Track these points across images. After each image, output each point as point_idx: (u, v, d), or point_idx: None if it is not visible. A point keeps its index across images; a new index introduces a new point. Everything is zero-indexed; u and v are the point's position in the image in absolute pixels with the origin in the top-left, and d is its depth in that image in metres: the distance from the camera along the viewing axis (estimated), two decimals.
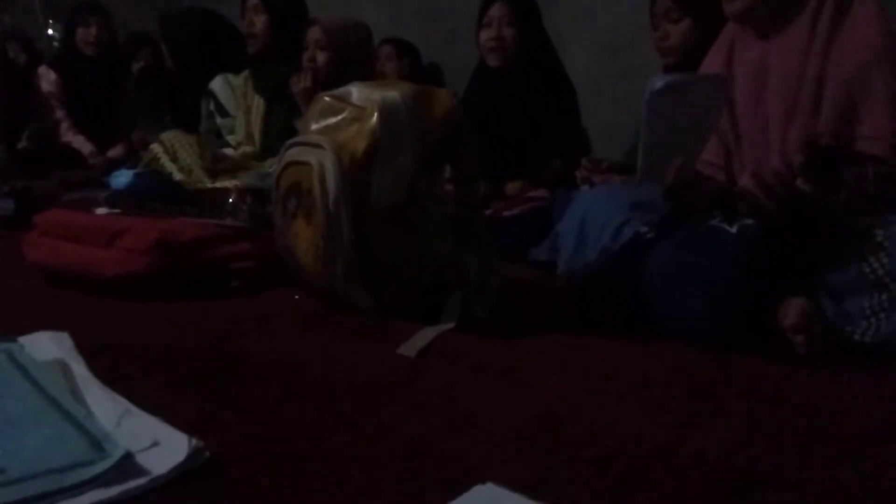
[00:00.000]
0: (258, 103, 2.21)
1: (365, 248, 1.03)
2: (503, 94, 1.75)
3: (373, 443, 0.63)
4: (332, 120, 1.10)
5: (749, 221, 0.97)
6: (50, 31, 4.52)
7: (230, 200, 1.56)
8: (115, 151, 2.76)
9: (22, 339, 0.78)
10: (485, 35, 1.74)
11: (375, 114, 1.02)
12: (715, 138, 1.08)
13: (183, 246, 1.14)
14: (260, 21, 2.11)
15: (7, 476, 0.50)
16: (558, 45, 1.85)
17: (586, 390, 0.78)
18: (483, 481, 0.55)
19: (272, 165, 1.70)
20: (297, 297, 1.11)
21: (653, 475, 0.59)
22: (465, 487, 0.54)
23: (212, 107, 2.39)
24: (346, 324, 1.00)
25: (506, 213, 1.58)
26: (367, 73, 1.80)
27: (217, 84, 2.38)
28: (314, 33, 1.86)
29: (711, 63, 1.14)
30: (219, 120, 2.39)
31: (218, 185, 2.01)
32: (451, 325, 0.98)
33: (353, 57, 1.85)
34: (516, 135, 1.75)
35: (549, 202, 1.56)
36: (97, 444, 0.55)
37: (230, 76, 2.37)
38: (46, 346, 0.78)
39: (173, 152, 2.06)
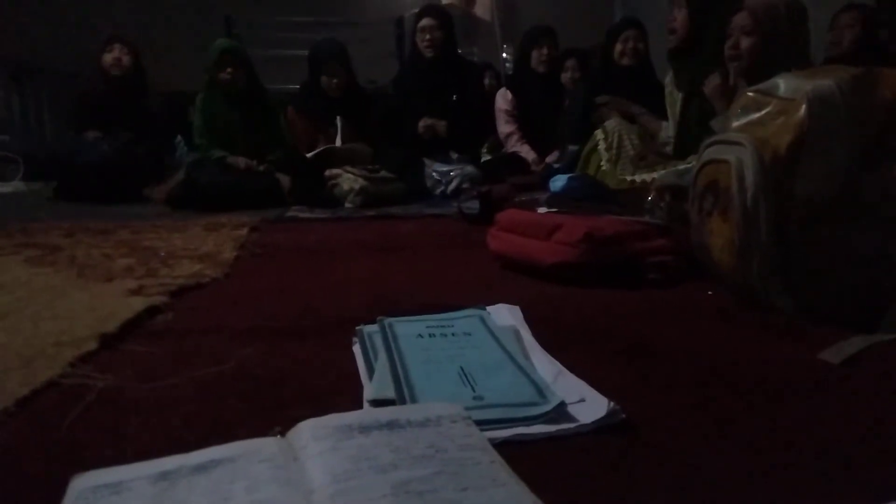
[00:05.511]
0: (677, 98, 2.26)
1: (787, 246, 1.00)
2: None
3: (780, 436, 0.64)
4: (755, 115, 1.09)
5: None
6: (504, 55, 5.41)
7: (649, 199, 1.66)
8: (551, 157, 3.17)
9: (489, 309, 1.02)
10: None
11: (804, 106, 0.97)
12: None
13: (606, 240, 1.29)
14: (680, 15, 2.15)
15: (486, 402, 0.69)
16: None
17: None
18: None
19: (691, 162, 1.73)
20: (710, 292, 1.14)
21: None
22: (874, 500, 0.52)
23: None
24: (760, 321, 0.98)
25: None
26: (800, 56, 1.65)
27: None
28: (740, 19, 1.79)
29: None
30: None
31: (637, 178, 2.14)
32: (891, 337, 0.87)
33: (783, 40, 1.71)
34: None
35: None
36: (540, 391, 0.72)
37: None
38: (504, 315, 1.00)
39: (612, 141, 2.29)
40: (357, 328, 0.93)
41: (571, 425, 0.66)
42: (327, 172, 2.77)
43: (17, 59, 5.00)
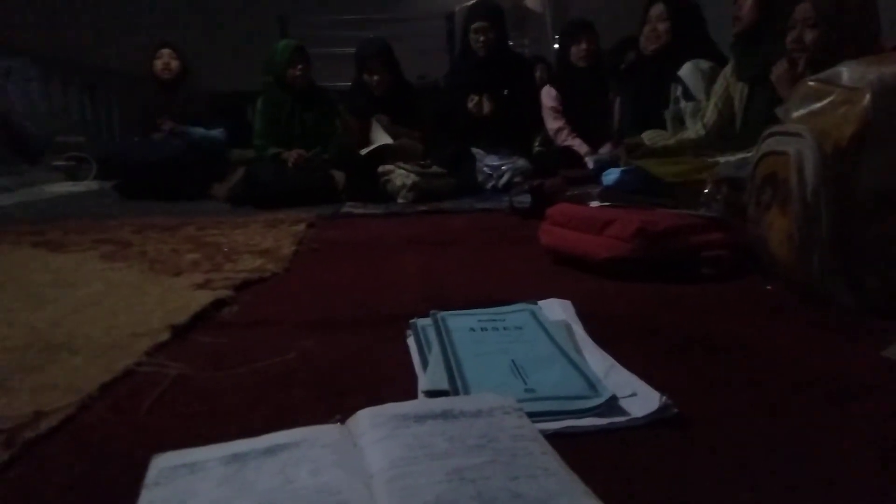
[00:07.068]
0: (741, 88, 2.19)
1: (850, 241, 0.97)
2: None
3: (839, 436, 0.63)
4: (816, 105, 1.06)
5: None
6: (555, 47, 5.35)
7: (705, 191, 1.63)
8: (604, 149, 3.13)
9: (540, 303, 1.03)
10: None
11: (868, 95, 0.94)
12: None
13: (660, 234, 1.28)
14: (747, 2, 2.09)
15: (537, 394, 0.71)
16: None
17: None
18: None
19: (747, 155, 1.68)
20: (768, 287, 1.12)
21: None
22: None
23: (679, 92, 2.49)
24: (820, 318, 0.96)
25: None
26: (868, 45, 1.58)
27: (686, 70, 2.46)
28: (802, 11, 1.73)
29: None
30: (682, 104, 2.47)
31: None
32: None
33: (849, 31, 1.64)
34: None
35: None
36: (592, 385, 0.72)
37: (701, 62, 2.42)
38: (556, 310, 1.01)
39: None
40: (411, 321, 0.95)
41: (623, 419, 0.67)
42: (380, 168, 2.82)
43: (90, 64, 5.27)
